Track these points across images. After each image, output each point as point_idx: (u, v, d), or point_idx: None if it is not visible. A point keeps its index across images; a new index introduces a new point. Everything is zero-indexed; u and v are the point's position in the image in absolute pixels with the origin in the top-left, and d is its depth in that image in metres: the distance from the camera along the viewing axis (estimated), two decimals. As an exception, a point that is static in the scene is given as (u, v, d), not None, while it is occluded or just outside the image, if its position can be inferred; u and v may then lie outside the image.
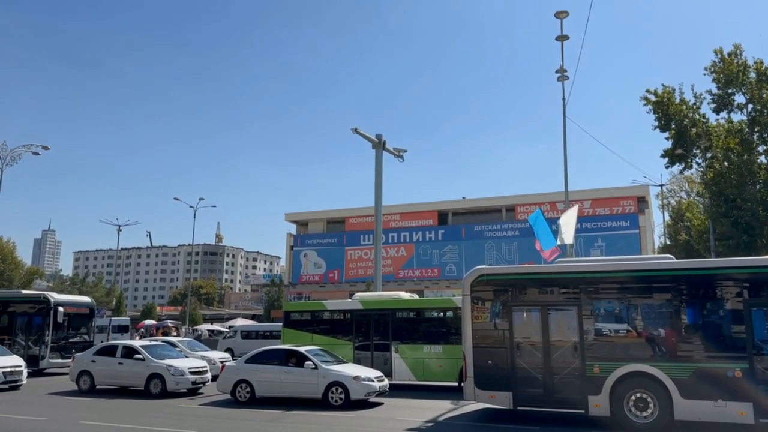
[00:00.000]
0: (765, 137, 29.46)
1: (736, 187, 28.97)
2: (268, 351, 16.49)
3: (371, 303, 20.27)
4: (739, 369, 10.74)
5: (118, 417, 13.67)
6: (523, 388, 12.19)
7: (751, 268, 11.48)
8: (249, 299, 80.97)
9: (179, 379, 17.14)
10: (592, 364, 11.74)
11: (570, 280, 12.63)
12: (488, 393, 12.41)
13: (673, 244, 42.08)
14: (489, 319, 13.00)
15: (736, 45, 29.94)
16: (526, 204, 58.52)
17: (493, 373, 12.41)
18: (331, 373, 14.95)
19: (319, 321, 20.88)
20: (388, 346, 19.02)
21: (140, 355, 17.69)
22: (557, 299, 12.78)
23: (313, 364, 15.09)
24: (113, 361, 17.96)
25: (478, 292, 12.94)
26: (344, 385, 14.63)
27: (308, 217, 72.63)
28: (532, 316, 12.76)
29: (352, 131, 24.39)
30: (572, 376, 11.89)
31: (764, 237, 28.64)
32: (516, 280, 13.33)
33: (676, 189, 51.31)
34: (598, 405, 11.51)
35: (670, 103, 31.21)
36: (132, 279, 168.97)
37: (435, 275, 62.70)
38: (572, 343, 12.13)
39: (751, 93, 29.30)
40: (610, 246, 54.87)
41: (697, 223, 35.59)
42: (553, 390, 11.99)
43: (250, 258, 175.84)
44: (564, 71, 21.12)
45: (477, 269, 13.30)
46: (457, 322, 18.57)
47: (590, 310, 12.22)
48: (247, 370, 15.84)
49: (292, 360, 15.58)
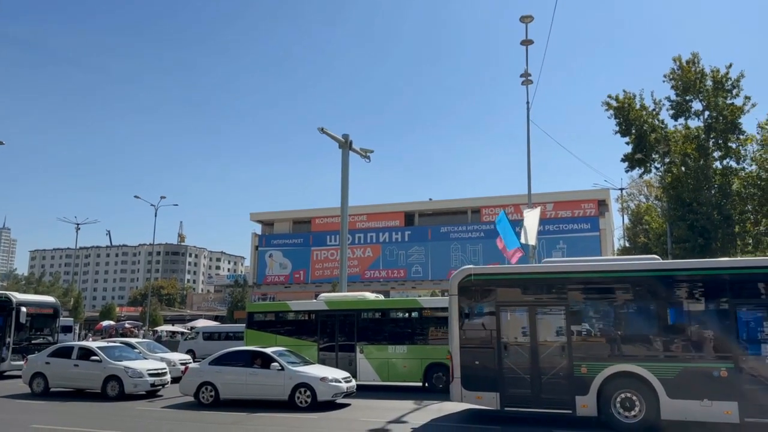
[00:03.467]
0: (720, 143, 30.45)
1: (692, 192, 29.87)
2: (232, 352, 16.25)
3: (336, 303, 20.14)
4: (725, 369, 10.88)
5: (73, 420, 13.29)
6: (511, 388, 12.15)
7: (737, 269, 11.72)
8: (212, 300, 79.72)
9: (137, 381, 16.76)
10: (579, 365, 11.77)
11: (557, 281, 12.63)
12: (475, 394, 12.34)
13: (632, 246, 43.15)
14: (476, 319, 12.92)
15: (694, 53, 30.88)
16: (491, 206, 59.27)
17: (480, 374, 12.34)
18: (297, 375, 14.81)
19: (283, 322, 20.64)
20: (353, 346, 18.93)
21: (97, 356, 17.24)
22: (545, 299, 12.76)
23: (279, 366, 14.95)
24: (68, 362, 17.47)
25: (465, 292, 12.85)
26: (311, 387, 14.52)
27: (274, 217, 71.96)
28: (520, 316, 12.74)
29: (319, 130, 24.22)
30: (560, 377, 11.90)
31: (719, 240, 29.60)
32: (504, 280, 13.31)
33: (636, 193, 52.66)
34: (585, 405, 11.56)
35: (631, 108, 31.99)
36: (91, 279, 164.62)
37: (401, 276, 62.88)
38: (560, 343, 12.15)
39: (708, 100, 30.26)
40: (572, 248, 55.94)
41: (655, 226, 36.54)
42: (540, 390, 11.98)
43: (214, 258, 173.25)
44: (528, 75, 21.43)
45: (464, 269, 13.20)
46: (421, 322, 18.81)
47: (578, 311, 12.27)
48: (211, 372, 15.60)
49: (258, 361, 15.39)
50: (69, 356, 17.62)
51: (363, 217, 65.60)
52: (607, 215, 59.06)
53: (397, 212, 65.94)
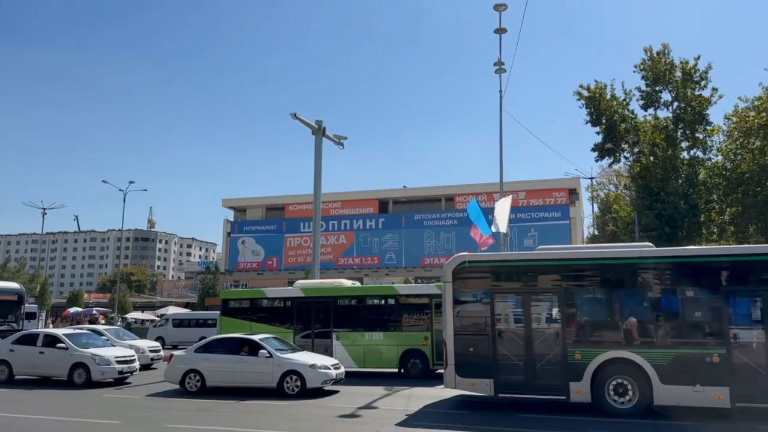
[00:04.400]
0: (688, 134, 31.09)
1: (660, 181, 30.48)
2: (219, 339, 16.09)
3: (312, 290, 20.07)
4: (717, 354, 11.06)
5: (41, 409, 12.99)
6: (505, 375, 12.18)
7: (729, 257, 11.90)
8: (183, 287, 78.83)
9: (105, 368, 16.54)
10: (573, 351, 11.85)
11: (552, 268, 12.69)
12: (469, 381, 12.37)
13: (600, 234, 43.91)
14: (470, 306, 12.89)
15: (664, 44, 31.36)
16: (464, 194, 59.62)
17: (474, 361, 12.35)
18: (286, 362, 14.67)
19: (258, 309, 20.46)
20: (330, 333, 18.93)
21: (63, 343, 16.98)
22: (539, 287, 12.81)
23: (268, 353, 14.79)
24: (34, 350, 17.16)
25: (459, 279, 12.78)
26: (300, 374, 14.41)
27: (247, 203, 71.30)
28: (514, 303, 12.77)
29: (292, 116, 23.98)
30: (554, 363, 11.95)
31: (685, 229, 30.33)
32: (498, 267, 13.32)
33: (605, 182, 53.52)
34: (579, 391, 11.66)
35: (602, 98, 32.37)
36: (58, 265, 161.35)
37: (375, 263, 63.03)
38: (554, 330, 12.22)
39: (677, 91, 30.82)
40: (543, 236, 56.72)
41: (623, 215, 37.22)
42: (534, 377, 12.04)
43: (185, 244, 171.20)
44: (501, 64, 21.51)
45: (459, 256, 13.09)
46: (398, 309, 18.93)
47: (572, 298, 12.31)
48: (196, 360, 15.39)
49: (245, 348, 15.19)
50: (34, 343, 17.31)
51: (337, 204, 65.42)
52: (577, 204, 60.01)
53: (371, 199, 65.94)
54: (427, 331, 18.17)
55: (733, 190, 28.91)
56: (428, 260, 61.24)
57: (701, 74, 30.55)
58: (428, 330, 18.15)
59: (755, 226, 28.74)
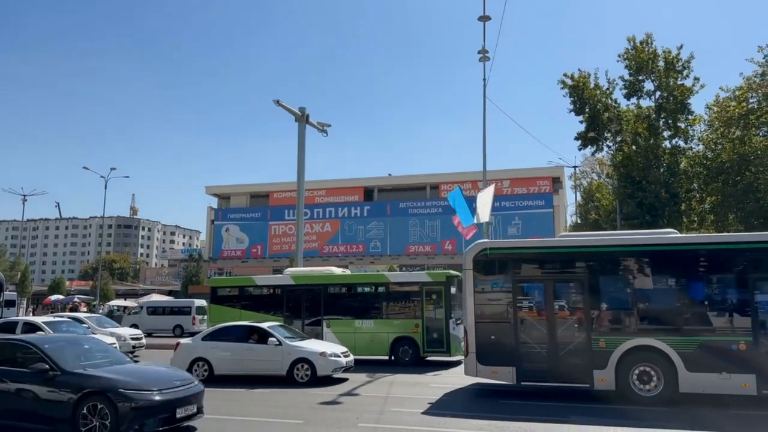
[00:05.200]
0: (670, 123, 31.36)
1: (642, 170, 30.76)
2: (227, 327, 15.72)
3: (303, 278, 19.99)
4: (744, 342, 11.01)
5: None
6: (527, 363, 12.01)
7: (756, 243, 11.77)
8: (166, 274, 78.24)
9: None
10: (597, 339, 11.72)
11: (576, 255, 12.52)
12: (490, 369, 12.22)
13: (583, 223, 44.29)
14: (491, 293, 12.70)
15: (647, 34, 31.51)
16: (449, 182, 59.69)
17: (496, 349, 12.18)
18: (296, 350, 14.48)
19: (248, 297, 20.31)
20: (320, 321, 18.85)
21: (42, 332, 16.71)
22: (562, 273, 12.63)
23: (277, 341, 14.56)
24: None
25: (480, 266, 12.59)
26: (310, 362, 14.24)
27: (230, 190, 70.80)
28: (537, 290, 12.57)
29: (275, 103, 23.69)
30: (577, 351, 11.82)
31: (665, 217, 30.66)
32: (520, 254, 13.12)
33: (588, 171, 53.93)
34: (603, 379, 11.56)
35: (585, 87, 32.53)
36: (39, 252, 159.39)
37: (360, 251, 63.04)
38: (577, 317, 12.09)
39: (660, 80, 31.02)
40: (526, 224, 57.12)
41: (605, 203, 37.56)
42: (557, 365, 11.89)
43: (168, 232, 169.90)
44: (485, 52, 21.43)
45: (479, 243, 12.91)
46: (388, 297, 18.97)
47: (596, 285, 12.13)
48: (204, 348, 15.11)
49: (254, 336, 14.95)
50: (13, 332, 16.94)
51: (322, 192, 65.24)
52: (561, 192, 60.42)
53: (356, 187, 65.82)
54: (418, 318, 18.18)
55: (713, 179, 29.29)
56: (413, 248, 61.40)
57: (683, 64, 30.78)
58: (419, 317, 18.17)
59: (734, 214, 29.17)
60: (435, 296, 18.27)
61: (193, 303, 34.69)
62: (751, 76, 28.19)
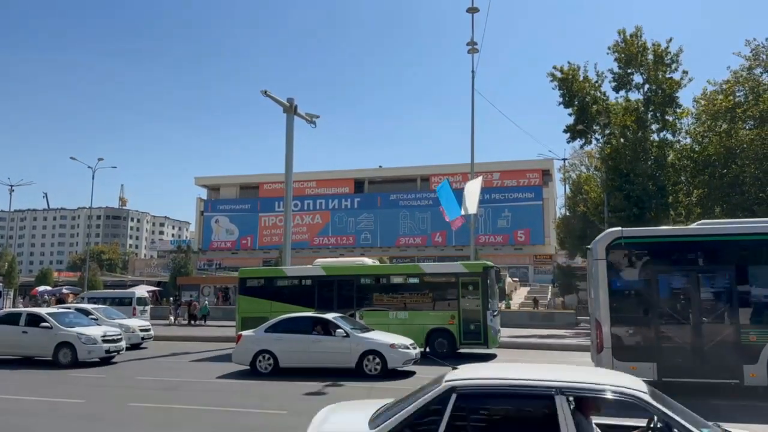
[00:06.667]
0: (658, 116, 31.48)
1: (629, 163, 30.88)
2: (289, 319, 15.22)
3: (334, 269, 19.90)
4: None
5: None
6: (669, 358, 11.33)
7: None
8: (155, 266, 77.88)
9: (91, 347, 16.12)
10: (748, 332, 11.11)
11: (722, 243, 11.80)
12: (628, 364, 11.34)
13: (572, 215, 44.47)
14: (627, 285, 12.06)
15: (637, 27, 31.53)
16: (439, 174, 59.77)
17: (634, 344, 11.60)
18: (365, 341, 14.05)
19: (277, 287, 19.96)
20: (353, 313, 18.26)
21: (47, 323, 16.47)
22: (706, 263, 11.90)
23: (345, 332, 14.16)
24: (16, 329, 16.61)
25: (614, 256, 11.88)
26: (381, 354, 13.78)
27: (220, 181, 70.52)
28: (678, 281, 11.95)
29: (262, 94, 23.55)
30: (725, 345, 11.19)
31: (652, 210, 30.86)
32: (659, 243, 12.33)
33: (577, 163, 54.02)
34: (754, 374, 10.99)
35: (575, 80, 32.52)
36: (27, 243, 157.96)
37: (350, 243, 63.06)
38: (724, 310, 11.47)
39: (648, 74, 31.10)
40: (516, 216, 57.41)
41: (593, 196, 37.64)
42: (703, 360, 11.26)
43: (157, 223, 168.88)
44: (474, 44, 21.40)
45: (612, 231, 12.31)
46: (422, 288, 18.80)
47: (745, 275, 11.46)
48: (268, 340, 14.66)
49: (318, 328, 14.57)
50: (17, 323, 16.77)
51: (312, 184, 65.13)
52: (550, 185, 60.64)
53: (346, 179, 65.76)
54: (454, 310, 17.95)
55: (700, 172, 29.48)
56: (403, 240, 61.50)
57: (672, 57, 30.87)
58: (455, 309, 17.95)
59: (720, 207, 29.40)
60: (471, 287, 18.05)
61: (134, 294, 34.65)
62: (738, 70, 28.36)
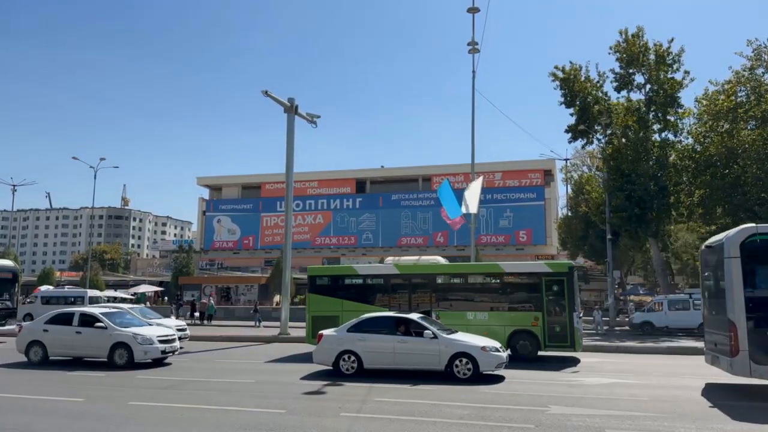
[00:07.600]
0: (660, 116, 31.45)
1: (631, 163, 30.85)
2: (371, 319, 14.80)
3: (409, 268, 19.48)
4: None
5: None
6: None
7: None
8: (157, 265, 78.02)
9: (148, 348, 15.80)
10: None
11: None
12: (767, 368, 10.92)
13: (573, 215, 44.43)
14: (765, 283, 11.46)
15: (639, 27, 31.53)
16: (441, 174, 59.62)
17: None
18: (454, 343, 13.53)
19: (349, 286, 19.57)
20: (429, 313, 17.55)
21: (101, 323, 16.20)
22: None
23: (432, 333, 13.67)
24: (70, 329, 16.37)
25: (749, 253, 11.26)
26: (472, 357, 13.24)
27: (222, 181, 70.51)
28: None
29: (263, 93, 23.58)
30: None
31: (654, 210, 30.80)
32: None
33: (579, 163, 53.97)
34: None
35: (576, 80, 32.53)
36: (30, 243, 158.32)
37: (352, 243, 63.00)
38: None
39: (650, 74, 31.07)
40: (518, 216, 57.33)
41: (595, 196, 37.64)
42: None
43: (159, 223, 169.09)
44: (475, 44, 21.39)
45: (747, 228, 11.63)
46: (503, 288, 18.05)
47: None
48: (351, 340, 14.19)
49: (401, 328, 14.07)
50: (70, 323, 16.54)
51: (314, 184, 65.08)
52: (552, 185, 60.53)
53: (348, 179, 65.69)
54: (537, 311, 17.27)
55: (701, 173, 29.43)
56: (405, 240, 61.44)
57: (674, 57, 30.87)
58: (538, 310, 17.27)
59: (722, 207, 29.34)
60: (556, 287, 17.29)
61: (86, 293, 34.60)
62: (740, 70, 28.32)
